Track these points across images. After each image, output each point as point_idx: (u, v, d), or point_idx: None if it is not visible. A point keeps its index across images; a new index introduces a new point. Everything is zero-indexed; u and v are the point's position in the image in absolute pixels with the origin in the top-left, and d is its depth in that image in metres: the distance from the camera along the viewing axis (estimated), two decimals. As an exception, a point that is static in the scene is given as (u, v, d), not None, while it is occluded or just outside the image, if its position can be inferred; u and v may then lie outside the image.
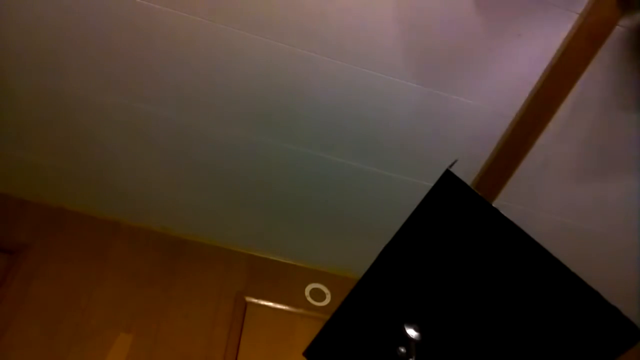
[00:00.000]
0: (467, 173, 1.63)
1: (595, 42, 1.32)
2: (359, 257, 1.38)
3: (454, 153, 1.60)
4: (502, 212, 0.92)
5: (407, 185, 1.72)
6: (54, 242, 1.72)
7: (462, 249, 0.98)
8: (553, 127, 1.48)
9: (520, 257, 0.91)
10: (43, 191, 1.80)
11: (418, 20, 1.36)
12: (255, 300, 1.81)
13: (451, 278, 1.00)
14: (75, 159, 1.71)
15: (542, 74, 1.42)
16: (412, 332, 1.03)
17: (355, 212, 1.83)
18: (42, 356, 1.44)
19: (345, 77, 1.47)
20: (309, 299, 1.90)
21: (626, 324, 0.83)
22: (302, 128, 1.59)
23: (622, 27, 1.32)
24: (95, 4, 1.36)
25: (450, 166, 0.96)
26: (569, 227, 1.79)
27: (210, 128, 1.61)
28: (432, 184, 0.98)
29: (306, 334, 1.73)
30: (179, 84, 1.51)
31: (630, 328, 0.83)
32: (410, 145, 1.62)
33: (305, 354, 1.21)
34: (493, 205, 0.93)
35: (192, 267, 1.83)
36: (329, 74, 1.47)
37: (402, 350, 1.05)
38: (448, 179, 0.96)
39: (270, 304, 1.82)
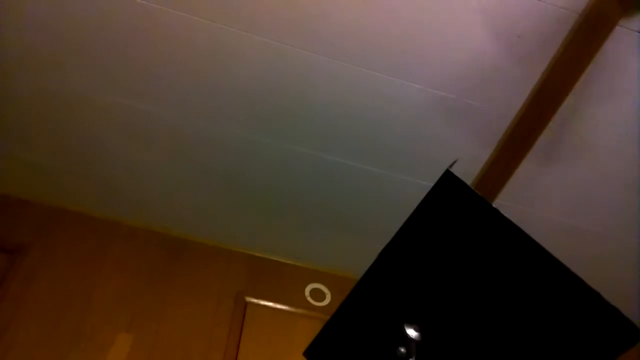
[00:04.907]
0: (467, 173, 1.63)
1: (595, 42, 1.32)
2: (359, 257, 1.38)
3: (454, 153, 1.60)
4: (502, 212, 0.92)
5: (407, 185, 1.71)
6: (54, 242, 1.72)
7: (462, 249, 0.98)
8: (553, 127, 1.48)
9: (520, 257, 0.91)
10: (43, 191, 1.80)
11: (417, 20, 1.36)
12: (255, 300, 1.81)
13: (451, 278, 1.00)
14: (75, 159, 1.71)
15: (542, 74, 1.42)
16: (412, 332, 1.03)
17: (356, 212, 1.83)
18: (42, 356, 1.44)
19: (345, 77, 1.47)
20: (309, 299, 1.90)
21: (626, 324, 0.83)
22: (302, 128, 1.59)
23: (622, 27, 1.32)
24: (95, 4, 1.36)
25: (450, 166, 0.96)
26: (569, 227, 1.79)
27: (211, 128, 1.61)
28: (432, 184, 0.98)
29: (306, 334, 1.73)
30: (179, 84, 1.51)
31: (630, 328, 0.83)
32: (410, 145, 1.62)
33: (305, 354, 1.21)
34: (493, 205, 0.93)
35: (192, 267, 1.83)
36: (329, 74, 1.47)
37: (402, 350, 1.05)
38: (448, 179, 0.96)
39: (270, 304, 1.82)
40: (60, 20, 1.39)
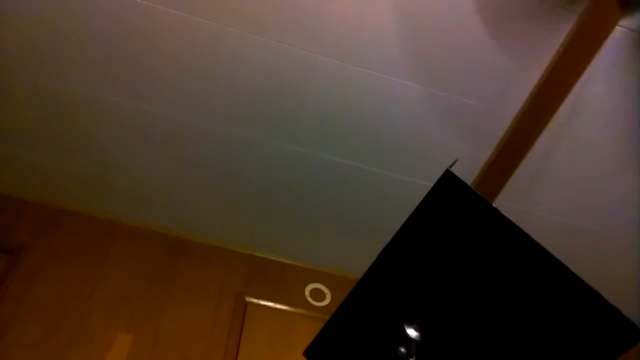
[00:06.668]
0: (467, 173, 1.62)
1: (595, 42, 1.31)
2: (359, 257, 1.38)
3: (454, 153, 1.60)
4: (502, 212, 0.92)
5: (407, 185, 1.72)
6: (54, 242, 1.72)
7: (462, 249, 0.98)
8: (553, 127, 1.48)
9: (520, 257, 0.91)
10: (43, 191, 1.80)
11: (418, 20, 1.36)
12: (255, 300, 1.81)
13: (451, 278, 1.00)
14: (75, 159, 1.71)
15: (542, 74, 1.42)
16: (412, 332, 1.03)
17: (356, 212, 1.83)
18: (42, 356, 1.44)
19: (345, 77, 1.47)
20: (309, 299, 1.90)
21: (626, 324, 0.83)
22: (302, 128, 1.59)
23: (622, 27, 1.32)
24: (95, 4, 1.36)
25: (450, 166, 0.96)
26: (569, 227, 1.79)
27: (210, 128, 1.61)
28: (432, 184, 0.98)
29: (306, 334, 1.73)
30: (179, 84, 1.51)
31: (630, 328, 0.83)
32: (410, 145, 1.62)
33: (305, 354, 1.20)
34: (493, 205, 0.92)
35: (192, 267, 1.83)
36: (329, 74, 1.47)
37: (402, 350, 1.05)
38: (448, 179, 0.96)
39: (270, 304, 1.82)
40: (60, 20, 1.39)
